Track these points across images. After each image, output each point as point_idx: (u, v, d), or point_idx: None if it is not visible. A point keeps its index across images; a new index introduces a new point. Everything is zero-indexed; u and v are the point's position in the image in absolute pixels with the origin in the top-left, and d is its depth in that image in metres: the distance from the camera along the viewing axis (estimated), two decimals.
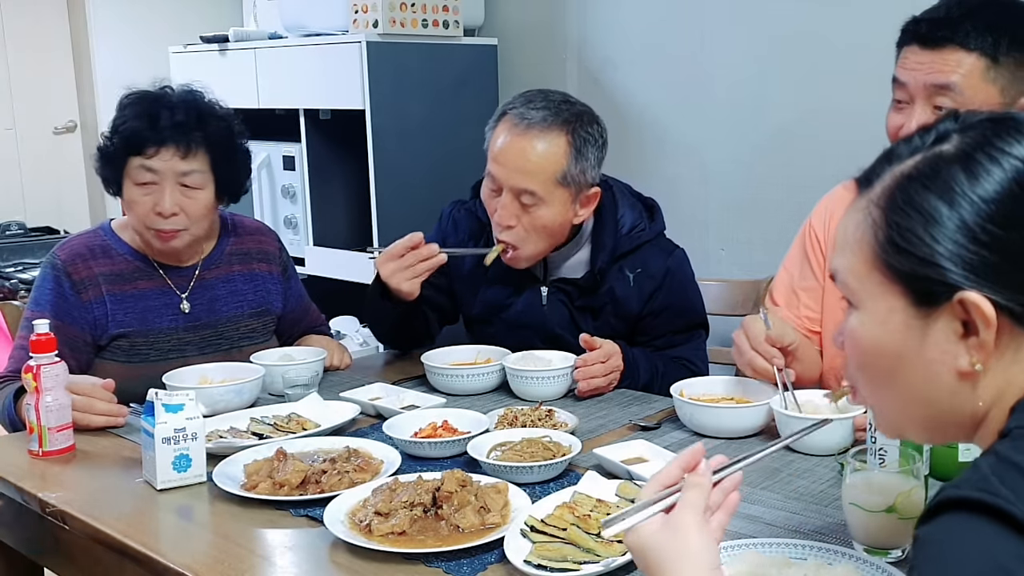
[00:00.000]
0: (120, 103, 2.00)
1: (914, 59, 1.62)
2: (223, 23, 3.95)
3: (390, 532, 1.25)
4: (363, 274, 3.13)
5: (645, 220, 2.06)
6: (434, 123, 3.13)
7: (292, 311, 2.23)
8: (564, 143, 1.91)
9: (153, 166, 1.93)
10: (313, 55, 3.15)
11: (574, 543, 1.18)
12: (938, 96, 1.59)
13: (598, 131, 1.97)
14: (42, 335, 1.62)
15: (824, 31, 2.60)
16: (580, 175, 1.92)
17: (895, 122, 1.66)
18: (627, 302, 2.02)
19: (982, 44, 1.57)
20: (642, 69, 2.99)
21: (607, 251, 2.00)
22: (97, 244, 2.03)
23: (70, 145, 4.89)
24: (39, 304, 1.97)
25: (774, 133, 2.72)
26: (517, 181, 1.90)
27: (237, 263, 2.14)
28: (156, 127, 1.92)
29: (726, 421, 1.62)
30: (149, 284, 2.03)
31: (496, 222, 1.96)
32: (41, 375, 1.61)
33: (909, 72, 1.62)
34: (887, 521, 1.15)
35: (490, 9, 3.36)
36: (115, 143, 1.95)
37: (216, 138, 1.99)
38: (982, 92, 1.58)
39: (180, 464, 1.47)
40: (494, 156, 1.94)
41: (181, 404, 1.48)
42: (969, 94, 1.57)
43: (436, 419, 1.66)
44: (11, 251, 4.04)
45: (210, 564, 1.24)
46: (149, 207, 1.94)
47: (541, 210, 1.92)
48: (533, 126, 1.90)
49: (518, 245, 1.96)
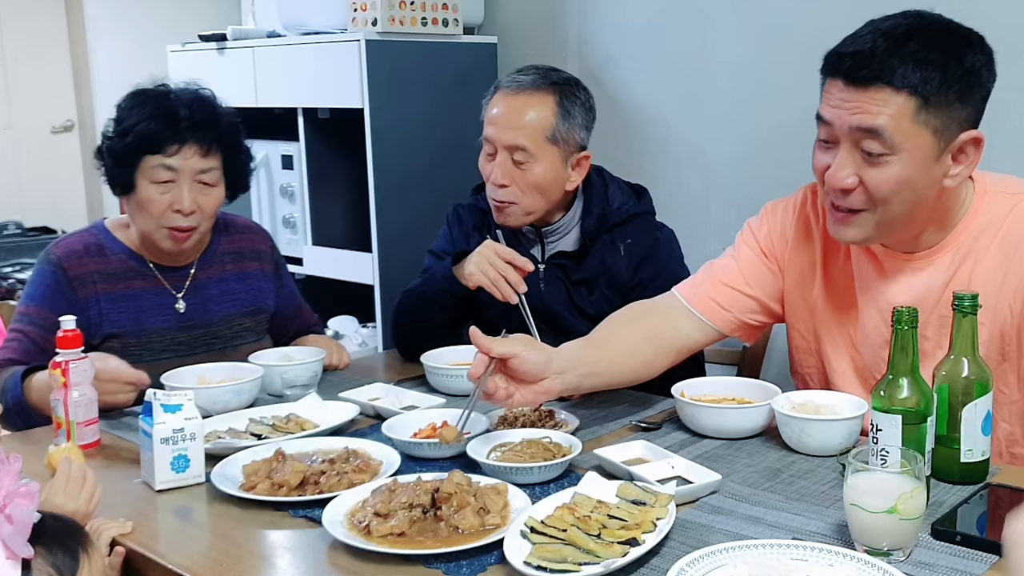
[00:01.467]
0: (124, 103, 1.99)
1: (838, 95, 1.48)
2: (221, 22, 3.95)
3: (389, 533, 1.25)
4: (362, 274, 3.12)
5: (633, 199, 2.13)
6: (433, 122, 3.13)
7: (284, 310, 2.23)
8: (552, 103, 2.03)
9: (173, 164, 1.93)
10: (312, 54, 3.14)
11: (574, 544, 1.17)
12: (865, 140, 1.46)
13: (584, 96, 2.09)
14: (69, 331, 1.64)
15: (826, 28, 2.59)
16: (569, 134, 2.04)
17: (821, 162, 1.55)
18: (618, 271, 2.07)
19: (912, 81, 1.42)
20: (643, 67, 2.99)
21: (595, 217, 2.08)
22: (92, 242, 2.03)
23: (68, 145, 4.88)
24: (33, 298, 1.97)
25: (776, 131, 2.72)
26: (509, 138, 2.01)
27: (230, 262, 2.14)
28: (176, 126, 1.93)
29: (727, 421, 1.62)
30: (143, 284, 2.03)
31: (492, 183, 2.04)
32: (69, 371, 1.62)
33: (833, 110, 1.49)
34: (889, 522, 1.14)
35: (490, 7, 3.35)
36: (129, 142, 1.94)
37: (229, 136, 2.02)
38: (913, 136, 1.44)
39: (178, 465, 1.47)
40: (489, 120, 2.06)
41: (179, 404, 1.48)
42: (899, 138, 1.44)
43: (436, 419, 1.65)
44: (8, 251, 4.04)
45: (209, 565, 1.23)
46: (166, 205, 1.94)
47: (534, 167, 2.01)
48: (524, 88, 2.04)
49: (514, 201, 2.04)
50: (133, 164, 1.94)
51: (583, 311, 2.08)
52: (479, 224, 2.20)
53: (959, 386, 1.37)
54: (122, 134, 1.95)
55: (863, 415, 1.52)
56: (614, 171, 2.18)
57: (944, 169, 1.49)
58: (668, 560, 1.14)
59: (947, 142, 1.47)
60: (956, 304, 1.36)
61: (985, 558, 1.17)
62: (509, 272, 1.95)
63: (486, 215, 2.17)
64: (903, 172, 1.47)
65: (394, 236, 3.06)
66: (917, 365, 1.32)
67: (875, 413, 1.32)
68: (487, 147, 2.07)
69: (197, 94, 2.02)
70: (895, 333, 1.31)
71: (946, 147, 1.47)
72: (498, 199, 2.05)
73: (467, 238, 2.19)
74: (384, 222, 3.05)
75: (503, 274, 1.95)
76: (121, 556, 1.30)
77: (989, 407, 1.37)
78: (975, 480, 1.38)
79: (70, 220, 4.58)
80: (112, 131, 1.98)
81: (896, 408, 1.30)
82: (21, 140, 4.78)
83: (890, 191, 1.48)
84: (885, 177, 1.47)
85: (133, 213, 2.01)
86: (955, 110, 1.46)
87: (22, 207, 4.64)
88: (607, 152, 2.22)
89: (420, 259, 2.28)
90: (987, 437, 1.38)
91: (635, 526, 1.22)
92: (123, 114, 1.98)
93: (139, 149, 1.93)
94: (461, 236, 2.21)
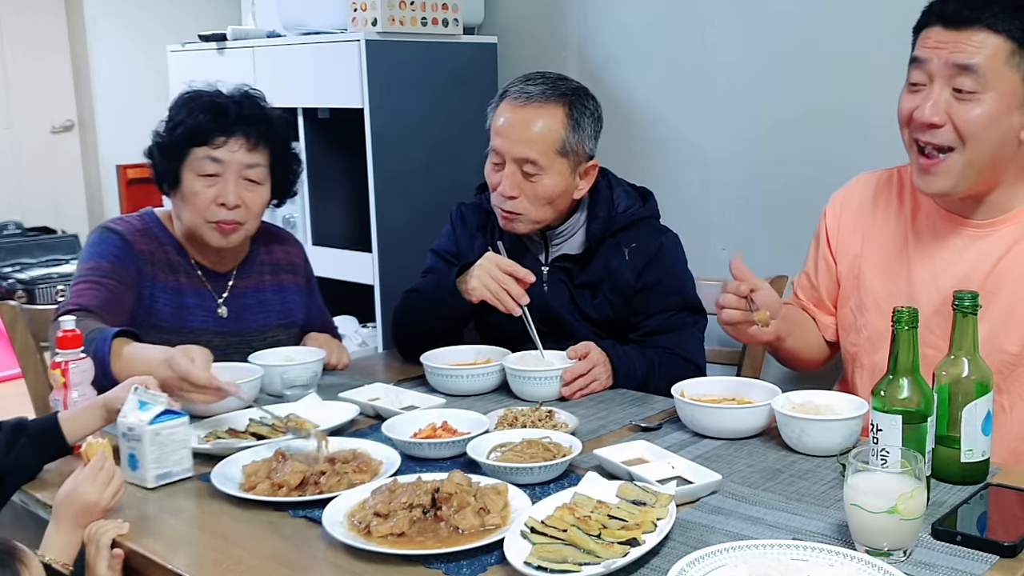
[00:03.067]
0: (175, 104, 2.00)
1: (936, 38, 1.58)
2: (221, 22, 3.94)
3: (389, 533, 1.25)
4: (362, 273, 3.12)
5: (639, 203, 2.12)
6: (433, 122, 3.13)
7: (312, 324, 2.22)
8: (562, 114, 2.00)
9: (219, 156, 1.94)
10: (312, 54, 3.14)
11: (574, 544, 1.17)
12: (959, 77, 1.56)
13: (594, 105, 2.07)
14: (68, 331, 1.64)
15: (826, 29, 2.60)
16: (578, 145, 2.01)
17: (910, 103, 1.63)
18: (622, 275, 2.06)
19: (1009, 27, 1.54)
20: (643, 67, 2.98)
21: (601, 221, 2.07)
22: (147, 229, 2.03)
23: (68, 144, 4.89)
24: (103, 255, 1.93)
25: (776, 131, 2.72)
26: (519, 151, 1.98)
27: (268, 273, 2.15)
28: (224, 118, 1.94)
29: (727, 421, 1.62)
30: (188, 281, 2.04)
31: (500, 193, 2.02)
32: (69, 371, 1.62)
33: (931, 51, 1.59)
34: (889, 522, 1.14)
35: (490, 7, 3.35)
36: (178, 135, 1.94)
37: (278, 136, 2.04)
38: (1004, 78, 1.55)
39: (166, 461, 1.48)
40: (496, 131, 2.03)
41: (159, 402, 1.48)
42: (991, 78, 1.55)
43: (436, 420, 1.65)
44: (8, 251, 4.04)
45: (208, 565, 1.24)
46: (211, 198, 1.95)
47: (543, 179, 1.99)
48: (533, 99, 2.00)
49: (521, 213, 2.02)
50: (180, 157, 1.95)
51: (586, 314, 2.08)
52: (483, 224, 2.19)
53: (959, 386, 1.37)
54: (171, 129, 1.97)
55: (863, 415, 1.52)
56: (614, 171, 2.17)
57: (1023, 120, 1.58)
58: (668, 560, 1.14)
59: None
60: (956, 304, 1.36)
61: (985, 558, 1.16)
62: (511, 285, 1.94)
63: (490, 215, 2.16)
64: (992, 110, 1.56)
65: (394, 236, 3.06)
66: (917, 365, 1.32)
67: (875, 413, 1.32)
68: (494, 157, 2.03)
69: (247, 92, 2.03)
70: (895, 333, 1.31)
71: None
72: (506, 209, 2.03)
73: (470, 238, 2.19)
74: (384, 222, 3.04)
75: (505, 287, 1.94)
76: (120, 558, 1.30)
77: (989, 407, 1.37)
78: (975, 480, 1.38)
79: (70, 220, 4.59)
80: (163, 130, 1.99)
81: (896, 408, 1.30)
82: (21, 140, 4.79)
83: (979, 127, 1.56)
84: (976, 114, 1.56)
85: (179, 208, 2.01)
86: None
87: (22, 207, 4.65)
88: (607, 152, 2.21)
89: (420, 259, 2.28)
90: (987, 437, 1.38)
91: (635, 526, 1.22)
92: (174, 113, 1.99)
93: (187, 141, 1.94)
94: (464, 235, 2.20)
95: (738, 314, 1.66)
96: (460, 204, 2.25)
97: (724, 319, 1.68)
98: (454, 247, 2.19)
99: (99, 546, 1.30)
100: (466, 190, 2.26)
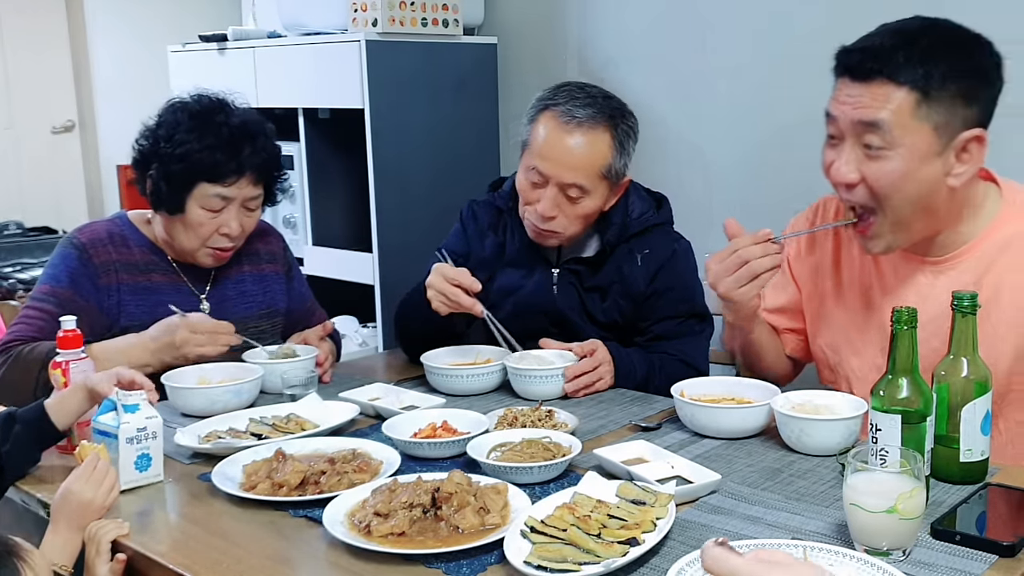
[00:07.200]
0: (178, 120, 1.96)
1: (845, 91, 1.52)
2: (222, 22, 3.95)
3: (389, 533, 1.25)
4: (362, 274, 3.12)
5: (653, 209, 2.12)
6: (434, 122, 3.13)
7: (295, 311, 2.23)
8: (609, 138, 1.99)
9: (228, 194, 1.96)
10: (312, 54, 3.14)
11: (574, 544, 1.18)
12: (867, 134, 1.49)
13: (634, 122, 2.06)
14: (69, 331, 1.64)
15: (827, 29, 2.60)
16: (622, 168, 2.03)
17: (827, 158, 1.58)
18: (633, 280, 2.05)
19: (913, 77, 1.45)
20: (643, 68, 2.98)
21: (616, 228, 2.06)
22: (115, 232, 2.04)
23: (68, 145, 4.88)
24: (59, 280, 1.96)
25: (776, 133, 2.72)
26: (566, 176, 1.96)
27: (247, 263, 2.16)
28: (238, 156, 1.96)
29: (726, 421, 1.62)
30: (163, 279, 2.04)
31: (539, 212, 2.00)
32: (70, 371, 1.62)
33: (840, 106, 1.52)
34: (888, 522, 1.14)
35: (490, 8, 3.35)
36: (189, 167, 1.93)
37: (276, 165, 2.07)
38: (913, 131, 1.47)
39: (141, 464, 1.48)
40: (540, 152, 1.98)
41: (137, 404, 1.49)
42: (898, 133, 1.47)
43: (436, 419, 1.65)
44: (9, 251, 4.03)
45: (209, 565, 1.23)
46: (214, 229, 1.98)
47: (586, 201, 1.99)
48: (582, 123, 1.97)
49: (559, 232, 2.01)
50: (188, 188, 1.95)
51: (594, 317, 2.07)
52: (494, 222, 2.18)
53: (958, 386, 1.37)
54: (180, 158, 1.93)
55: (863, 415, 1.52)
56: None
57: (947, 167, 1.51)
58: (668, 560, 1.14)
59: (949, 139, 1.48)
60: (955, 304, 1.36)
61: (984, 558, 1.17)
62: (461, 298, 1.93)
63: (502, 213, 2.16)
64: (902, 166, 1.49)
65: (394, 236, 3.06)
66: (917, 365, 1.32)
67: (874, 413, 1.32)
68: (535, 176, 1.99)
69: (252, 121, 2.01)
70: (894, 333, 1.31)
71: (948, 144, 1.48)
72: (542, 227, 2.02)
73: (481, 236, 2.18)
74: (384, 222, 3.05)
75: (456, 300, 1.93)
76: (122, 563, 1.30)
77: (988, 407, 1.37)
78: (974, 480, 1.38)
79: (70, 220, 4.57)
80: (164, 148, 1.95)
81: (895, 408, 1.30)
82: (21, 140, 4.78)
83: (890, 185, 1.50)
84: (885, 171, 1.50)
85: (175, 230, 2.00)
86: (958, 107, 1.47)
87: (22, 207, 4.64)
88: None
89: (420, 259, 2.27)
90: (986, 437, 1.38)
91: (635, 526, 1.22)
92: (181, 135, 1.94)
93: (199, 176, 1.94)
94: (476, 234, 2.19)
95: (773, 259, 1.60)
96: (472, 202, 2.24)
97: (767, 265, 1.60)
98: (463, 247, 2.18)
99: (99, 546, 1.30)
100: (466, 190, 2.26)
